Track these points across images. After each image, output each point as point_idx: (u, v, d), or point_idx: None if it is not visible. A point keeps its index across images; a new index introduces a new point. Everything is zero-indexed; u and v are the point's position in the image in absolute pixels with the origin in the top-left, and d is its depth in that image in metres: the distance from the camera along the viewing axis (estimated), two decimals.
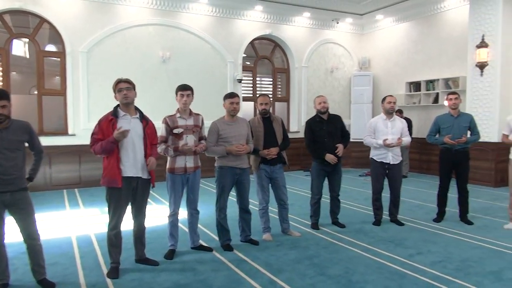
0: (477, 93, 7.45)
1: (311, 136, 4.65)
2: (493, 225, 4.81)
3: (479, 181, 7.25)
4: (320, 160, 4.59)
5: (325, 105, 4.62)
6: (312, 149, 4.65)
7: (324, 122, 4.63)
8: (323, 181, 4.74)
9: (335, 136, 4.60)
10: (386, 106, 4.83)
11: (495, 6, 7.10)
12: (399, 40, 9.67)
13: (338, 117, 4.80)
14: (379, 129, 4.83)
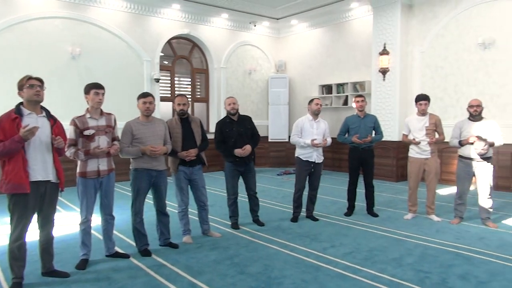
0: (380, 96, 8.16)
1: (220, 137, 4.69)
2: (395, 216, 5.30)
3: (383, 176, 7.95)
4: (232, 159, 4.66)
5: (235, 106, 4.68)
6: (222, 149, 4.69)
7: (234, 123, 4.70)
8: (237, 181, 4.81)
9: (245, 137, 4.68)
10: (313, 108, 5.06)
11: (394, 18, 7.84)
12: (312, 44, 10.19)
13: (248, 118, 4.89)
14: (305, 129, 5.03)
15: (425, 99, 4.99)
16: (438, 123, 5.01)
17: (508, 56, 6.70)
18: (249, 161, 4.76)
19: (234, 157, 4.63)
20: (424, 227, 4.76)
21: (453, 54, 7.42)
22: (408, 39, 8.02)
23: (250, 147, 4.63)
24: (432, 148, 4.97)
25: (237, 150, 4.56)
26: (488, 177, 4.67)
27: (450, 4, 7.40)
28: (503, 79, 6.78)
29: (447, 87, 7.54)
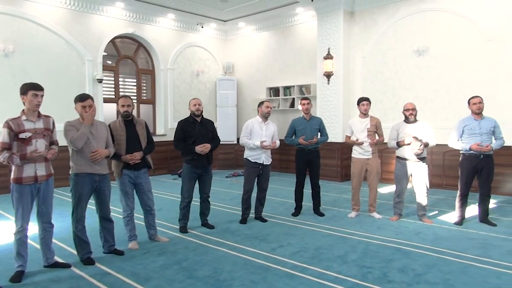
0: (325, 99, 8.43)
1: (181, 136, 4.65)
2: (340, 215, 5.50)
3: (328, 176, 8.22)
4: (190, 157, 4.60)
5: (200, 107, 4.71)
6: (181, 147, 4.64)
7: (196, 124, 4.68)
8: (194, 184, 4.76)
9: (206, 139, 4.67)
10: (264, 110, 5.11)
11: (338, 24, 8.16)
12: (259, 47, 10.32)
13: (211, 122, 4.93)
14: (255, 131, 5.07)
15: (366, 100, 5.23)
16: (379, 125, 5.29)
17: (439, 63, 7.22)
18: (207, 164, 4.74)
19: (192, 155, 4.58)
20: (366, 224, 4.98)
21: (391, 60, 7.86)
22: (351, 45, 8.38)
23: (209, 145, 4.63)
24: (373, 148, 5.22)
25: (197, 147, 4.54)
26: (424, 176, 4.99)
27: (388, 13, 7.83)
28: (435, 85, 7.29)
29: (386, 91, 7.97)
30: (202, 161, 4.66)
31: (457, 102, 6.96)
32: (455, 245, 4.14)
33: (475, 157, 4.78)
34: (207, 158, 4.71)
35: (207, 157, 4.70)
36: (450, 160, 6.83)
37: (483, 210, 4.93)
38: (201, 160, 4.64)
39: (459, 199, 4.95)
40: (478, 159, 4.76)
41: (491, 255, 3.82)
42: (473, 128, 4.78)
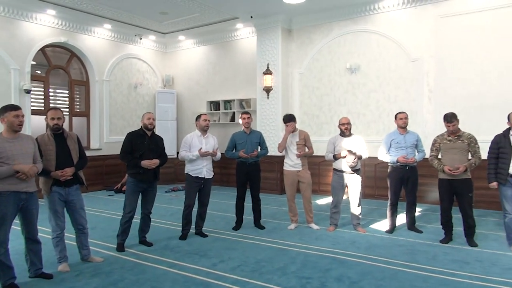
0: (265, 113, 8.60)
1: (128, 148, 4.52)
2: (280, 227, 5.59)
3: (268, 189, 8.34)
4: (135, 170, 4.46)
5: (154, 122, 4.63)
6: (127, 159, 4.51)
7: (146, 137, 4.58)
8: (137, 199, 4.60)
9: (154, 154, 4.57)
10: (201, 124, 5.08)
11: (276, 41, 8.41)
12: (200, 61, 10.30)
13: (161, 138, 4.83)
14: (194, 145, 5.02)
15: (290, 120, 5.38)
16: (307, 138, 5.50)
17: (369, 80, 7.71)
18: (154, 179, 4.63)
19: (138, 169, 4.43)
20: (305, 235, 5.11)
21: (326, 76, 8.24)
22: (289, 61, 8.66)
23: (158, 161, 4.54)
24: (302, 161, 5.41)
25: (144, 162, 4.41)
26: (358, 187, 5.25)
27: (323, 32, 8.24)
28: (366, 100, 7.76)
29: (322, 106, 8.32)
30: (148, 176, 4.54)
31: (386, 116, 7.45)
32: (386, 252, 4.38)
33: (402, 169, 5.13)
34: (154, 173, 4.60)
35: (154, 173, 4.60)
36: (381, 171, 7.25)
37: (410, 218, 5.29)
38: (147, 174, 4.52)
39: (389, 208, 5.26)
40: (404, 170, 5.12)
41: (418, 260, 4.10)
42: (399, 142, 5.15)
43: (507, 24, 6.40)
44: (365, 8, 7.64)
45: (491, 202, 6.07)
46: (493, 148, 4.44)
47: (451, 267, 3.90)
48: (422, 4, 7.10)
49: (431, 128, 6.99)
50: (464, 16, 6.75)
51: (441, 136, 4.78)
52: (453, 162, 4.56)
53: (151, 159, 4.49)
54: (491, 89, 6.55)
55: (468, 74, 6.74)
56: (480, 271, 3.76)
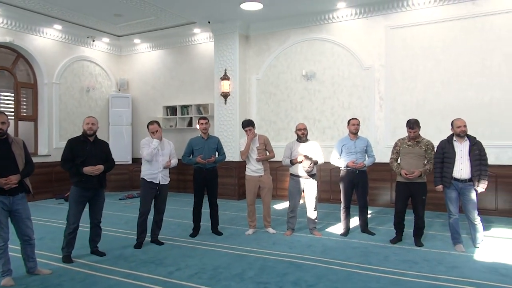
0: (222, 119, 8.59)
1: (69, 155, 4.29)
2: (237, 233, 5.58)
3: (226, 195, 8.31)
4: (77, 179, 4.25)
5: (93, 127, 4.39)
6: (68, 167, 4.29)
7: (88, 143, 4.36)
8: (82, 209, 4.38)
9: (99, 160, 4.37)
10: (151, 135, 4.95)
11: (233, 47, 8.45)
12: (156, 65, 10.12)
13: (105, 143, 4.62)
14: None
15: (249, 125, 5.42)
16: (267, 142, 5.56)
17: (324, 87, 7.92)
18: (99, 187, 4.42)
19: (80, 177, 4.23)
20: (263, 240, 5.14)
21: (283, 83, 8.38)
22: (246, 67, 8.72)
23: (102, 166, 4.34)
24: (264, 166, 5.46)
25: (87, 168, 4.20)
26: (314, 192, 5.36)
27: (280, 39, 8.38)
28: (322, 106, 7.96)
29: (279, 112, 8.43)
30: (93, 183, 4.33)
31: (340, 123, 7.69)
32: (341, 254, 4.50)
33: (352, 173, 5.31)
34: (99, 180, 4.39)
35: (99, 179, 4.38)
36: (335, 176, 7.43)
37: (363, 220, 5.47)
38: (91, 182, 4.31)
39: (343, 211, 5.42)
40: (354, 174, 5.30)
41: (371, 262, 4.24)
42: (349, 147, 5.33)
43: (451, 36, 6.82)
44: (320, 17, 7.86)
45: (438, 204, 6.42)
46: (438, 153, 4.71)
47: (402, 267, 4.07)
48: (373, 16, 7.42)
49: (382, 134, 7.30)
50: (412, 28, 7.13)
51: (402, 140, 4.98)
52: (410, 166, 4.77)
53: (95, 165, 4.30)
54: (436, 97, 6.94)
55: (416, 83, 7.11)
56: (427, 270, 3.96)
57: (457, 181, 4.55)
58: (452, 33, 6.82)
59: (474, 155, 4.51)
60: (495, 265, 4.07)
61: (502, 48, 6.46)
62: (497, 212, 6.43)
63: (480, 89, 6.62)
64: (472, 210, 4.56)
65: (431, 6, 6.92)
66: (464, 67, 6.73)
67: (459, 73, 6.77)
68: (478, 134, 5.11)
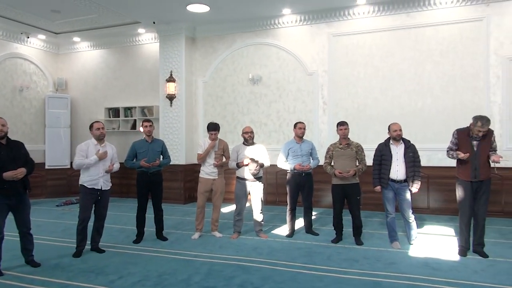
0: (168, 121, 8.43)
1: None
2: (183, 237, 5.49)
3: (172, 199, 8.15)
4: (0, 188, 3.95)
5: (4, 128, 4.04)
6: None
7: (2, 147, 4.02)
8: (5, 217, 4.06)
9: (18, 164, 4.06)
10: (95, 133, 4.74)
11: (180, 48, 8.33)
12: (97, 65, 9.70)
13: (21, 144, 4.27)
14: (91, 153, 4.67)
15: (215, 129, 5.38)
16: (226, 148, 5.55)
17: (270, 91, 8.05)
18: (23, 192, 4.11)
19: (1, 184, 3.90)
20: (209, 244, 5.10)
21: (230, 86, 8.40)
22: (193, 69, 8.63)
23: (24, 169, 4.04)
24: (218, 170, 5.44)
25: (7, 173, 3.89)
26: (260, 195, 5.41)
27: (227, 42, 8.39)
28: (268, 110, 8.08)
29: (226, 115, 8.43)
30: (17, 188, 4.03)
31: (286, 126, 7.85)
32: (286, 256, 4.59)
33: (298, 175, 5.45)
34: (23, 184, 4.10)
35: (23, 183, 4.09)
36: (281, 179, 7.58)
37: (308, 222, 5.62)
38: (15, 187, 4.01)
39: (288, 213, 5.53)
40: (300, 177, 5.45)
41: (315, 261, 4.37)
42: (295, 150, 5.47)
43: (388, 45, 7.24)
44: (266, 22, 7.99)
45: (376, 204, 6.75)
46: (377, 156, 4.97)
47: (344, 265, 4.23)
48: (317, 23, 7.68)
49: (326, 137, 7.55)
50: (353, 36, 7.47)
51: (334, 145, 5.23)
52: (343, 167, 5.01)
53: (15, 170, 4.00)
54: (375, 103, 7.32)
55: (357, 88, 7.45)
56: (367, 267, 4.15)
57: (394, 182, 4.83)
58: (389, 43, 7.24)
59: (408, 157, 4.81)
60: (427, 260, 4.36)
61: (432, 58, 6.96)
62: (429, 210, 6.89)
63: (413, 95, 7.08)
64: (407, 209, 4.86)
65: (370, 16, 7.30)
66: (400, 75, 7.17)
67: (395, 81, 7.19)
68: (412, 137, 5.45)
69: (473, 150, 4.38)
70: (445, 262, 4.29)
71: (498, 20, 6.58)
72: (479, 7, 6.67)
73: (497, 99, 6.59)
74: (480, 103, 6.67)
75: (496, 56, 6.59)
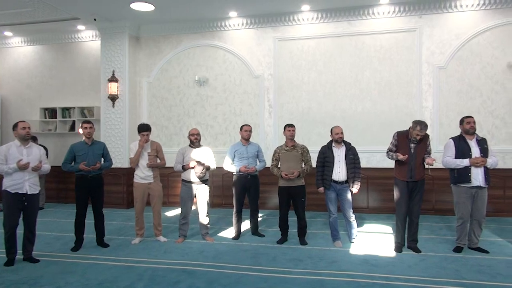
0: (110, 123, 8.10)
1: None
2: (126, 243, 5.30)
3: (113, 204, 7.83)
4: None
5: None
6: None
7: None
8: None
9: None
10: (21, 133, 4.43)
11: (123, 47, 8.04)
12: (32, 62, 9.10)
13: None
14: (13, 156, 4.35)
15: (147, 130, 5.25)
16: (159, 149, 5.43)
17: (217, 94, 8.03)
18: None
19: None
20: (153, 249, 4.97)
21: (176, 87, 8.25)
22: (137, 69, 8.37)
23: None
24: (154, 173, 5.31)
25: None
26: (206, 197, 5.37)
27: (173, 43, 8.24)
28: (214, 112, 8.05)
29: (171, 117, 8.27)
30: None
31: (232, 129, 7.86)
32: (232, 258, 4.59)
33: (244, 178, 5.48)
34: None
35: None
36: (228, 181, 7.55)
37: (254, 223, 5.67)
38: None
39: (235, 215, 5.54)
40: (246, 179, 5.48)
41: (261, 263, 4.41)
42: (241, 152, 5.50)
43: (330, 51, 7.51)
44: (213, 24, 7.96)
45: (319, 205, 6.96)
46: (320, 158, 5.14)
47: (288, 265, 4.31)
48: (263, 27, 7.78)
49: (271, 139, 7.67)
50: (298, 41, 7.66)
51: (280, 147, 5.32)
52: (289, 169, 5.11)
53: None
54: (319, 106, 7.56)
55: (301, 92, 7.65)
56: (311, 266, 4.27)
57: (336, 183, 5.02)
58: (332, 49, 7.51)
59: (349, 159, 5.02)
60: (366, 257, 4.58)
61: (371, 64, 7.33)
62: (368, 209, 7.24)
63: (353, 100, 7.41)
64: (348, 209, 5.07)
65: (314, 22, 7.53)
66: (341, 80, 7.46)
67: (337, 85, 7.48)
68: (352, 140, 5.69)
69: (410, 152, 4.68)
70: (383, 258, 4.52)
71: (429, 31, 7.09)
72: (413, 19, 7.14)
73: (428, 104, 7.09)
74: (413, 108, 7.13)
75: (427, 64, 7.09)
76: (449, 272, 4.06)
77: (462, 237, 4.77)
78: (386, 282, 3.80)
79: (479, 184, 4.58)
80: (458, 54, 6.99)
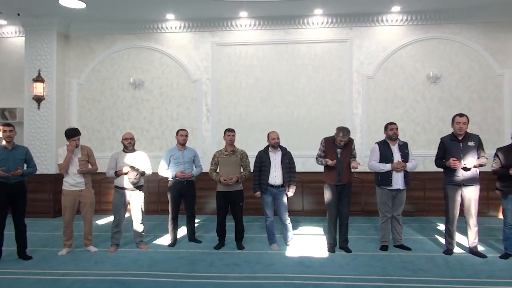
0: (35, 126, 7.53)
1: None
2: (52, 255, 4.94)
3: (38, 213, 7.27)
4: None
5: None
6: None
7: None
8: None
9: None
10: None
11: (50, 45, 7.54)
12: None
13: None
14: None
15: (76, 135, 4.98)
16: (90, 154, 5.16)
17: (153, 97, 7.82)
18: None
19: None
20: (82, 260, 4.69)
21: (109, 89, 7.90)
22: (66, 69, 7.89)
23: None
24: (85, 179, 5.04)
25: None
26: (140, 204, 5.20)
27: (106, 43, 7.89)
28: (150, 116, 7.83)
29: (104, 120, 7.90)
30: None
31: (169, 133, 7.70)
32: (168, 266, 4.48)
33: (180, 183, 5.40)
34: None
35: None
36: (164, 187, 7.36)
37: (190, 229, 5.58)
38: None
39: (170, 222, 5.42)
40: (182, 184, 5.40)
41: (198, 269, 4.36)
42: (177, 157, 5.41)
43: (267, 58, 7.66)
44: (149, 26, 7.76)
45: (256, 209, 7.03)
46: (257, 162, 5.21)
47: (225, 270, 4.30)
48: (201, 31, 7.74)
49: (209, 144, 7.63)
50: (236, 46, 7.72)
51: (219, 152, 5.32)
52: (228, 174, 5.11)
53: None
54: (256, 112, 7.67)
55: (239, 97, 7.71)
56: (248, 271, 4.30)
57: (272, 187, 5.12)
58: (269, 55, 7.67)
59: (285, 163, 5.15)
60: (302, 258, 4.71)
61: (306, 72, 7.60)
62: (303, 212, 7.46)
63: (290, 106, 7.62)
64: (284, 212, 5.19)
65: (251, 29, 7.64)
66: (278, 86, 7.65)
67: (274, 91, 7.65)
68: (288, 145, 5.84)
69: (337, 157, 4.92)
70: (317, 259, 4.69)
71: (359, 42, 7.52)
72: (344, 30, 7.54)
73: (358, 111, 7.50)
74: (345, 115, 7.50)
75: (357, 74, 7.51)
76: (377, 269, 4.31)
77: (386, 235, 5.11)
78: (320, 282, 3.94)
79: (398, 187, 4.96)
80: (384, 65, 7.49)
